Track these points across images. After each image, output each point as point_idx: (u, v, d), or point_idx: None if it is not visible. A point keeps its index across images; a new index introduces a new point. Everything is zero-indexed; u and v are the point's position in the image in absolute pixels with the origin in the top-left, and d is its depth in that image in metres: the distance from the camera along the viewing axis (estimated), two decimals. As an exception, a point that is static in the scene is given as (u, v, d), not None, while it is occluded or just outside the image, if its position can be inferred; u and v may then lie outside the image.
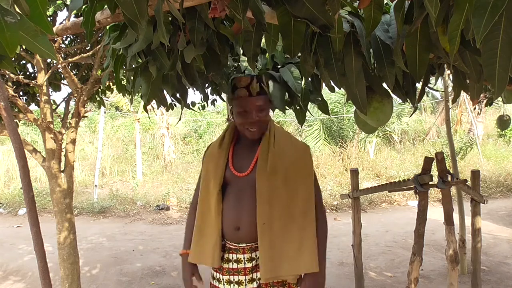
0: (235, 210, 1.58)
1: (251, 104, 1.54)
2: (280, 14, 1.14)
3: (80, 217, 7.11)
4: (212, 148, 1.70)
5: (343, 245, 4.88)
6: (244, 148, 1.64)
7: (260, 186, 1.53)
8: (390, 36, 1.29)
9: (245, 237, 1.57)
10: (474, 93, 1.55)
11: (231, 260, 1.61)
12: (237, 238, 1.58)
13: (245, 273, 1.59)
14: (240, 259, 1.59)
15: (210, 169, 1.64)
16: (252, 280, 1.59)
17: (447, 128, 4.29)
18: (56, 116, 3.08)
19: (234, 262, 1.60)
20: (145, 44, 1.37)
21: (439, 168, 2.14)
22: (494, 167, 8.74)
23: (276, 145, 1.60)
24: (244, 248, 1.58)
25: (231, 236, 1.59)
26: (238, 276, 1.59)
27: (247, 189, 1.57)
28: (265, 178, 1.54)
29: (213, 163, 1.64)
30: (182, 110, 2.18)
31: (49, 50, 0.75)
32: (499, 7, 0.75)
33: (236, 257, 1.60)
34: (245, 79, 1.55)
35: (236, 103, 1.56)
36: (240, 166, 1.60)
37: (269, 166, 1.55)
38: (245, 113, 1.54)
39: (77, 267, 2.91)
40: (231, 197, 1.59)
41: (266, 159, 1.56)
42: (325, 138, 10.65)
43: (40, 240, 1.58)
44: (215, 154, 1.65)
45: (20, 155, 1.50)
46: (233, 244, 1.60)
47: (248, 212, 1.55)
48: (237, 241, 1.59)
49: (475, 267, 3.00)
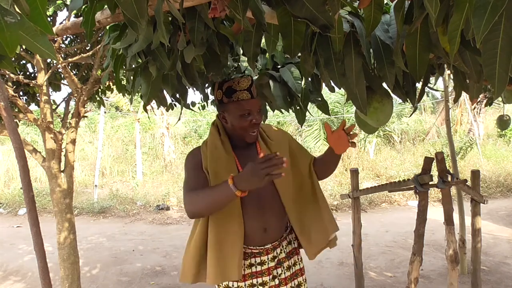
0: (259, 212, 1.53)
1: (254, 106, 1.51)
2: (280, 14, 1.14)
3: (80, 217, 7.11)
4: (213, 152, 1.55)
5: (343, 245, 4.85)
6: (242, 149, 1.60)
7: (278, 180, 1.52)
8: (390, 36, 1.29)
9: (272, 236, 1.58)
10: (474, 93, 1.55)
11: (254, 264, 1.58)
12: (264, 240, 1.56)
13: (269, 272, 1.59)
14: (264, 261, 1.59)
15: (221, 175, 1.49)
16: (274, 278, 1.61)
17: (447, 128, 4.29)
18: (56, 116, 3.09)
19: (258, 265, 1.58)
20: (145, 44, 1.37)
21: (439, 168, 2.14)
22: (494, 167, 8.73)
23: (270, 137, 1.65)
24: (268, 249, 1.58)
25: (258, 239, 1.54)
26: (262, 277, 1.58)
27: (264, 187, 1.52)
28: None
29: (224, 168, 1.52)
30: (182, 110, 2.18)
31: (49, 50, 0.75)
32: (499, 7, 0.75)
33: (260, 260, 1.58)
34: (246, 81, 1.50)
35: (237, 106, 1.49)
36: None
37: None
38: (248, 116, 1.50)
39: (77, 267, 2.91)
40: (249, 200, 1.51)
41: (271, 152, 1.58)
42: (325, 138, 10.64)
43: (40, 240, 1.58)
44: (223, 159, 1.53)
45: (20, 155, 1.50)
46: (257, 248, 1.56)
47: (273, 209, 1.56)
48: (263, 244, 1.56)
49: (475, 267, 3.00)
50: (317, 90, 1.99)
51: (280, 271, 1.62)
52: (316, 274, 4.03)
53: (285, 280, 1.62)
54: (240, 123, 1.51)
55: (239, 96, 1.49)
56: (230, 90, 1.50)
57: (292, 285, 1.63)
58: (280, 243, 1.62)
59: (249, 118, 1.50)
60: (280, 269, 1.62)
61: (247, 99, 1.50)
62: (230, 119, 1.53)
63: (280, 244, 1.63)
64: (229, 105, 1.51)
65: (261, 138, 1.64)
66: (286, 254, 1.64)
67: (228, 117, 1.54)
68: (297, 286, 1.66)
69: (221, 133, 1.59)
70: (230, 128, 1.56)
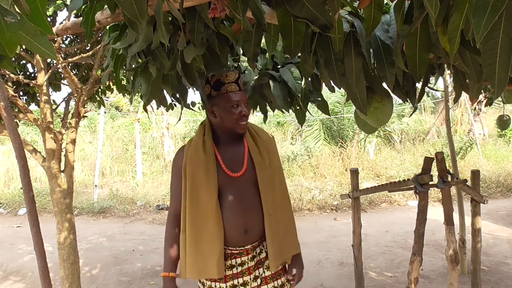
0: (240, 213, 1.53)
1: (242, 97, 1.55)
2: (280, 14, 1.14)
3: (80, 217, 7.11)
4: (192, 154, 1.55)
5: (343, 245, 4.88)
6: (228, 147, 1.60)
7: (262, 181, 1.55)
8: (390, 36, 1.29)
9: (253, 237, 1.56)
10: (474, 93, 1.55)
11: (234, 265, 1.57)
12: (244, 241, 1.55)
13: (249, 272, 1.59)
14: (244, 261, 1.58)
15: (198, 177, 1.52)
16: (256, 278, 1.60)
17: (447, 128, 4.29)
18: (56, 116, 3.08)
19: (239, 266, 1.58)
20: (145, 44, 1.37)
21: (439, 168, 2.14)
22: (494, 167, 8.73)
23: (259, 135, 1.65)
24: (248, 249, 1.58)
25: (238, 240, 1.54)
26: (243, 277, 1.57)
27: (247, 188, 1.55)
28: (265, 172, 1.57)
29: (202, 169, 1.52)
30: (182, 110, 2.18)
31: (49, 50, 0.74)
32: (499, 7, 0.75)
33: (240, 260, 1.58)
34: (234, 74, 1.54)
35: (226, 98, 1.52)
36: (232, 166, 1.56)
37: (265, 159, 1.58)
38: (237, 107, 1.53)
39: (77, 267, 2.91)
40: (230, 200, 1.52)
41: (259, 152, 1.59)
42: (325, 138, 10.65)
43: (40, 240, 1.58)
44: (200, 160, 1.53)
45: (20, 155, 1.50)
46: (237, 249, 1.56)
47: (254, 211, 1.55)
48: (243, 244, 1.55)
49: (475, 267, 3.00)
50: (317, 90, 1.99)
51: (261, 271, 1.61)
52: (316, 274, 4.03)
53: (266, 279, 1.61)
54: (229, 115, 1.53)
55: (227, 88, 1.53)
56: (218, 83, 1.54)
57: (275, 284, 1.62)
58: (260, 243, 1.62)
59: (238, 109, 1.53)
60: (261, 269, 1.61)
61: (236, 91, 1.53)
62: (219, 112, 1.55)
63: (261, 244, 1.62)
64: (218, 98, 1.54)
65: (249, 134, 1.64)
66: (266, 253, 1.62)
67: (217, 110, 1.55)
68: (280, 286, 1.64)
69: (206, 132, 1.60)
70: (219, 122, 1.57)
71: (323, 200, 7.41)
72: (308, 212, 7.04)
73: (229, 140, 1.60)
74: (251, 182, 1.56)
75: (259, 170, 1.56)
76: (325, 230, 5.82)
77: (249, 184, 1.55)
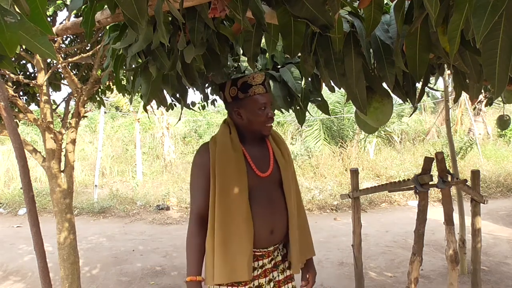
0: (268, 213, 1.52)
1: (268, 99, 1.55)
2: (280, 14, 1.14)
3: (80, 217, 7.11)
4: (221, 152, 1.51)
5: (343, 245, 4.88)
6: (254, 147, 1.59)
7: (286, 182, 1.57)
8: (390, 36, 1.29)
9: (277, 238, 1.57)
10: (474, 93, 1.55)
11: (256, 267, 1.55)
12: (269, 242, 1.54)
13: (265, 275, 1.58)
14: (264, 264, 1.58)
15: (229, 174, 1.48)
16: (270, 281, 1.60)
17: (447, 128, 4.29)
18: (56, 116, 3.08)
19: (259, 269, 1.56)
20: (145, 44, 1.37)
21: (439, 168, 2.14)
22: (494, 167, 8.73)
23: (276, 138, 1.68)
24: (270, 251, 1.57)
25: (264, 241, 1.52)
26: (258, 280, 1.56)
27: (273, 188, 1.56)
28: (288, 173, 1.60)
29: (233, 168, 1.49)
30: (182, 110, 2.18)
31: (49, 50, 0.74)
32: (499, 7, 0.75)
33: (262, 263, 1.56)
34: (260, 76, 1.53)
35: (253, 100, 1.51)
36: (260, 166, 1.55)
37: (287, 160, 1.62)
38: (264, 109, 1.53)
39: (77, 267, 2.91)
40: (259, 200, 1.51)
41: (281, 154, 1.61)
42: (325, 138, 10.65)
43: (40, 240, 1.58)
44: (231, 158, 1.50)
45: (20, 155, 1.50)
46: (261, 251, 1.54)
47: (280, 211, 1.56)
48: (267, 246, 1.54)
49: (475, 267, 3.00)
50: (317, 90, 1.99)
51: (275, 274, 1.61)
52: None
53: (279, 283, 1.61)
54: (257, 117, 1.52)
55: (255, 90, 1.51)
56: (246, 85, 1.52)
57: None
58: (279, 246, 1.63)
59: (266, 111, 1.53)
60: (275, 272, 1.61)
61: (263, 93, 1.53)
62: (247, 114, 1.53)
63: (279, 247, 1.63)
64: (245, 100, 1.52)
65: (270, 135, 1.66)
66: (281, 256, 1.64)
67: (244, 113, 1.53)
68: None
69: (231, 131, 1.57)
70: (245, 124, 1.55)
71: (323, 200, 7.42)
72: (308, 212, 7.04)
73: (255, 140, 1.60)
74: (275, 183, 1.57)
75: (284, 171, 1.58)
76: (325, 230, 5.82)
77: (274, 185, 1.57)
